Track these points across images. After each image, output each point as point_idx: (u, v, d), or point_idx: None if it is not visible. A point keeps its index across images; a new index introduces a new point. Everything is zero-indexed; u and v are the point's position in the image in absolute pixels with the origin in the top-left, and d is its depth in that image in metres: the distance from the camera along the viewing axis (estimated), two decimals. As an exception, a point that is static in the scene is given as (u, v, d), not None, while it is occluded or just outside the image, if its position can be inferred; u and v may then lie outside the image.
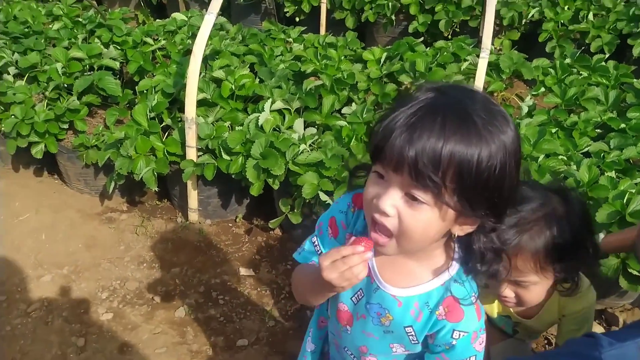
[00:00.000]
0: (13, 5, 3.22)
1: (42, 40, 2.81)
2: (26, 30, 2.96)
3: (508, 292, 1.22)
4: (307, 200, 2.28)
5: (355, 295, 1.07)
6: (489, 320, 1.44)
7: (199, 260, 2.44)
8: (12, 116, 2.47)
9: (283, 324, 2.15)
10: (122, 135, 2.36)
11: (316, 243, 1.11)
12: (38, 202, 2.71)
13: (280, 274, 2.38)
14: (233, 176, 2.33)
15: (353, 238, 0.94)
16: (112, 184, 2.45)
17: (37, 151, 2.53)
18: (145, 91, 2.59)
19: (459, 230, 0.90)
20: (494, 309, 1.42)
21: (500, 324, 1.44)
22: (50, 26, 3.06)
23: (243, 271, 2.39)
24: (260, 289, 2.31)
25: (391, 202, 0.84)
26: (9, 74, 2.67)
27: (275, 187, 2.27)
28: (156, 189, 2.42)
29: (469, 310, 0.97)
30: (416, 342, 1.02)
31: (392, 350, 1.07)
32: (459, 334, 0.97)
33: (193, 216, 2.60)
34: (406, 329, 1.01)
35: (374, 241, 0.91)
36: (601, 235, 1.68)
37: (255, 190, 2.28)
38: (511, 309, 1.36)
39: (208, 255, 2.47)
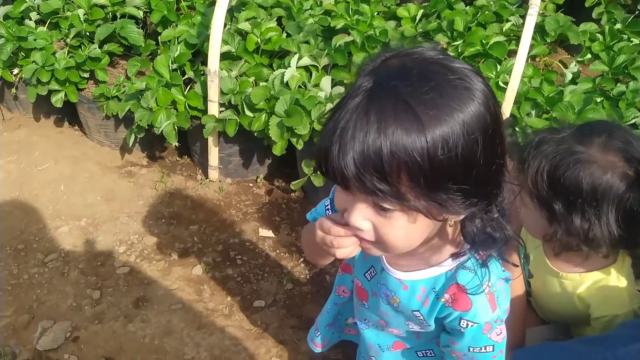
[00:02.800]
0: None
1: (64, -15, 2.71)
2: (49, -25, 2.87)
3: None
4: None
5: (369, 272, 1.00)
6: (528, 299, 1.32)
7: (217, 219, 2.39)
8: (33, 62, 2.40)
9: (301, 288, 2.09)
10: (143, 86, 2.28)
11: (328, 207, 1.05)
12: (57, 153, 2.67)
13: (300, 236, 2.31)
14: (255, 134, 2.24)
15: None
16: (132, 136, 2.38)
17: (57, 100, 2.46)
18: (168, 42, 2.49)
19: (452, 219, 0.77)
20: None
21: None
22: (73, -28, 2.96)
23: (262, 232, 2.33)
24: (279, 251, 2.24)
25: (361, 216, 0.74)
26: (30, 19, 2.59)
27: (299, 147, 2.17)
28: (177, 144, 2.35)
29: (479, 300, 0.87)
30: (427, 325, 0.95)
31: (409, 327, 1.01)
32: (467, 324, 0.89)
33: (213, 174, 2.53)
34: (414, 312, 0.94)
35: (360, 245, 0.81)
36: None
37: (278, 150, 2.19)
38: (544, 253, 1.25)
39: (227, 215, 2.41)
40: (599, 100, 2.20)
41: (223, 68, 2.29)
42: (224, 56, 2.34)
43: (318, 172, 2.21)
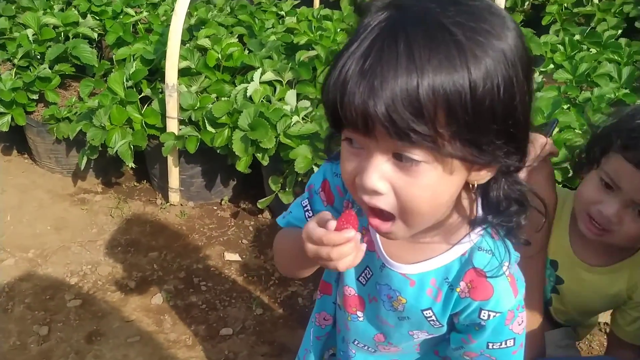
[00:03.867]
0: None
1: (13, 7, 2.59)
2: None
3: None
4: (300, 179, 2.08)
5: (363, 275, 0.85)
6: None
7: (179, 245, 2.22)
8: (-25, 84, 2.25)
9: (272, 312, 1.94)
10: (95, 105, 2.14)
11: (307, 208, 0.88)
12: (4, 182, 2.48)
13: (269, 259, 2.17)
14: (218, 151, 2.12)
15: (346, 211, 0.69)
16: (85, 159, 2.22)
17: (3, 123, 2.30)
18: (123, 61, 2.38)
19: (477, 178, 0.67)
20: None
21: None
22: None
23: (228, 256, 2.18)
24: (247, 275, 2.09)
25: (378, 175, 0.62)
26: (-27, 41, 2.45)
27: (265, 162, 2.06)
28: (133, 165, 2.21)
29: (500, 284, 0.74)
30: (440, 325, 0.81)
31: (414, 337, 0.86)
32: (489, 314, 0.75)
33: (174, 197, 2.38)
34: (424, 312, 0.80)
35: (375, 229, 0.69)
36: None
37: (242, 166, 2.07)
38: (572, 250, 1.14)
39: (190, 239, 2.26)
40: (565, 107, 2.19)
41: (182, 84, 2.19)
42: (183, 72, 2.24)
43: (286, 189, 2.10)
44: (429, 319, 0.80)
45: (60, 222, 2.30)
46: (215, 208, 2.44)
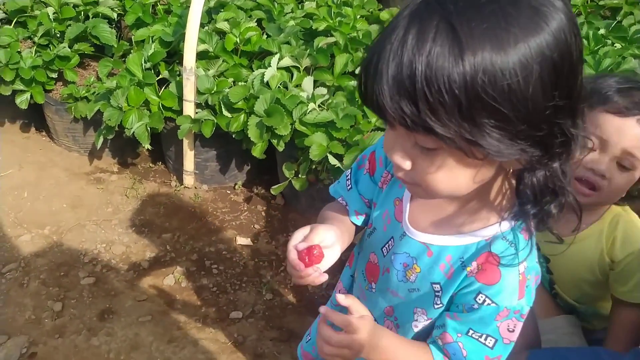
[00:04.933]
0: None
1: (35, -15, 2.60)
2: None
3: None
4: (314, 167, 2.08)
5: (387, 245, 0.87)
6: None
7: (192, 227, 2.24)
8: (-4, 60, 2.27)
9: (281, 298, 1.95)
10: (113, 85, 2.15)
11: (349, 176, 0.94)
12: (22, 158, 2.51)
13: (281, 245, 2.18)
14: (234, 135, 2.13)
15: (302, 247, 0.78)
16: (101, 138, 2.24)
17: (22, 101, 2.32)
18: (142, 42, 2.38)
19: (510, 164, 0.67)
20: None
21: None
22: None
23: (240, 240, 2.19)
24: (258, 260, 2.11)
25: (401, 154, 0.67)
26: (-5, 18, 2.47)
27: (280, 148, 2.06)
28: (149, 146, 2.22)
29: (509, 276, 0.74)
30: (440, 305, 0.81)
31: (414, 318, 0.86)
32: (485, 300, 0.74)
33: (189, 180, 2.40)
34: (434, 286, 0.81)
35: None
36: None
37: (257, 152, 2.07)
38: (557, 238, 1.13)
39: (203, 222, 2.27)
40: (587, 102, 2.15)
41: (200, 67, 2.19)
42: (201, 56, 2.24)
43: (300, 176, 2.10)
44: (435, 294, 0.81)
45: (76, 200, 2.33)
46: (229, 192, 2.45)
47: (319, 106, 2.08)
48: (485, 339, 0.76)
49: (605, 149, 1.04)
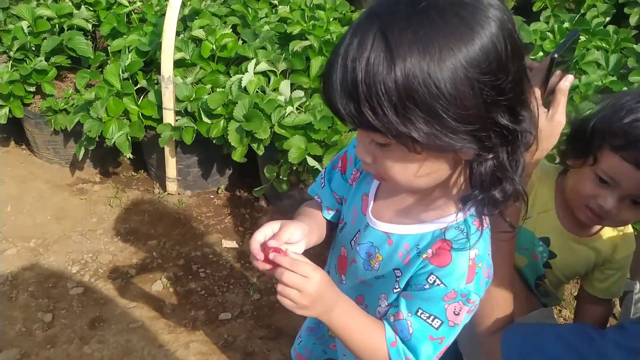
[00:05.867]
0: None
1: (7, -1, 2.60)
2: (-11, -11, 2.75)
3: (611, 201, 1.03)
4: (294, 168, 2.13)
5: (354, 238, 0.93)
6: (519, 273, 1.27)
7: (178, 233, 2.28)
8: (-28, 77, 2.27)
9: (269, 297, 2.00)
10: (92, 97, 2.18)
11: (323, 176, 1.02)
12: (3, 173, 2.52)
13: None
14: (214, 141, 2.17)
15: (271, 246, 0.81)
16: (82, 150, 2.26)
17: (1, 115, 2.32)
18: (118, 52, 2.40)
19: (462, 155, 0.72)
20: (534, 225, 1.22)
21: (531, 249, 1.25)
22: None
23: (226, 243, 2.24)
24: (245, 262, 2.15)
25: (363, 150, 0.76)
26: (-31, 34, 2.46)
27: (260, 152, 2.11)
28: (130, 156, 2.25)
29: (459, 260, 0.79)
30: (397, 289, 0.87)
31: (379, 304, 0.92)
32: (435, 281, 0.80)
33: (171, 186, 2.43)
34: (395, 271, 0.87)
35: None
36: None
37: (238, 156, 2.12)
38: (561, 225, 1.18)
39: (188, 228, 2.31)
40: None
41: (177, 75, 2.22)
42: (178, 64, 2.27)
43: (281, 178, 2.15)
44: (397, 279, 0.86)
45: (60, 212, 2.35)
46: (212, 197, 2.49)
47: (297, 109, 2.14)
48: (432, 320, 0.81)
49: (616, 188, 1.02)
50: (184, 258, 2.16)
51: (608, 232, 1.21)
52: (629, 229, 1.22)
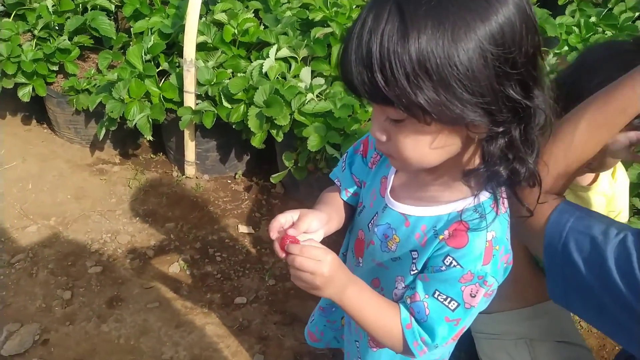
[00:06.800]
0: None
1: (31, -23, 2.61)
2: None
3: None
4: (313, 156, 2.13)
5: (372, 221, 0.94)
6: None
7: (195, 216, 2.30)
8: (-3, 54, 2.29)
9: (284, 283, 2.02)
10: (114, 78, 2.19)
11: (344, 159, 1.03)
12: (25, 151, 2.55)
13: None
14: (234, 126, 2.17)
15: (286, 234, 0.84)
16: (103, 130, 2.28)
17: (25, 94, 2.35)
18: (141, 34, 2.41)
19: (474, 130, 0.73)
20: None
21: None
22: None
23: (242, 228, 2.25)
24: (260, 247, 2.17)
25: (378, 127, 0.77)
26: (-6, 12, 2.48)
27: (279, 139, 2.11)
28: (151, 137, 2.26)
29: (476, 241, 0.79)
30: (415, 271, 0.87)
31: (395, 286, 0.93)
32: (452, 262, 0.80)
33: (190, 170, 2.45)
34: (412, 253, 0.87)
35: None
36: None
37: (257, 141, 2.12)
38: None
39: (205, 211, 2.33)
40: None
41: (199, 58, 2.23)
42: (200, 47, 2.27)
43: (299, 165, 2.16)
44: (414, 260, 0.87)
45: (79, 191, 2.38)
46: (230, 182, 2.50)
47: (317, 96, 2.13)
48: (449, 302, 0.82)
49: None
50: (200, 241, 2.18)
51: (603, 177, 1.23)
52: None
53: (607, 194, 1.24)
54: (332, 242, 0.92)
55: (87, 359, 1.73)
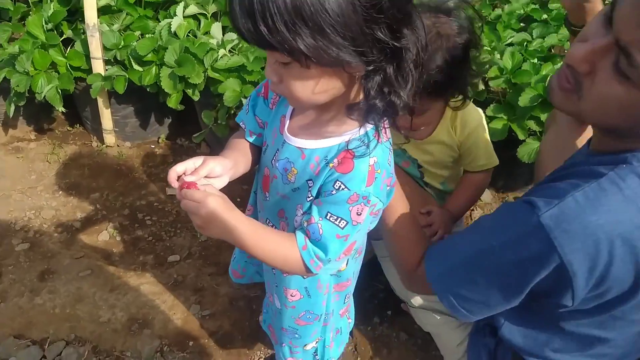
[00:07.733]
0: None
1: None
2: None
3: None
4: (232, 112, 2.15)
5: (274, 157, 1.01)
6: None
7: (120, 184, 2.29)
8: None
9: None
10: (16, 50, 2.10)
11: (247, 102, 1.09)
12: None
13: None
14: (148, 89, 2.16)
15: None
16: (13, 107, 2.20)
17: None
18: (40, 2, 2.31)
19: (350, 71, 0.81)
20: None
21: (401, 162, 1.44)
22: None
23: (170, 191, 2.27)
24: (190, 206, 2.20)
25: (270, 70, 0.83)
26: None
27: (195, 97, 2.12)
28: (63, 109, 2.21)
29: (360, 166, 0.89)
30: (310, 197, 0.96)
31: (296, 213, 1.02)
32: (340, 186, 0.90)
33: (109, 139, 2.42)
34: (308, 182, 0.96)
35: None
36: None
37: (173, 102, 2.12)
38: (404, 137, 1.27)
39: (130, 178, 2.32)
40: (479, 25, 2.32)
41: (104, 22, 2.17)
42: (104, 10, 2.21)
43: (219, 122, 2.18)
44: (309, 189, 0.96)
45: (-4, 171, 2.31)
46: (153, 146, 2.49)
47: (230, 51, 2.14)
48: (339, 222, 0.91)
49: None
50: (128, 208, 2.19)
51: (442, 124, 1.38)
52: (465, 111, 1.36)
53: (447, 142, 1.39)
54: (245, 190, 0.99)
55: (24, 333, 1.74)
